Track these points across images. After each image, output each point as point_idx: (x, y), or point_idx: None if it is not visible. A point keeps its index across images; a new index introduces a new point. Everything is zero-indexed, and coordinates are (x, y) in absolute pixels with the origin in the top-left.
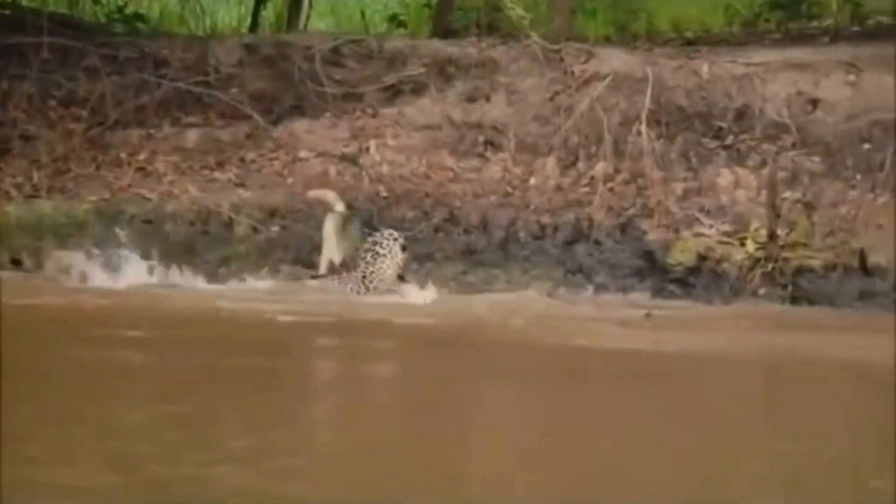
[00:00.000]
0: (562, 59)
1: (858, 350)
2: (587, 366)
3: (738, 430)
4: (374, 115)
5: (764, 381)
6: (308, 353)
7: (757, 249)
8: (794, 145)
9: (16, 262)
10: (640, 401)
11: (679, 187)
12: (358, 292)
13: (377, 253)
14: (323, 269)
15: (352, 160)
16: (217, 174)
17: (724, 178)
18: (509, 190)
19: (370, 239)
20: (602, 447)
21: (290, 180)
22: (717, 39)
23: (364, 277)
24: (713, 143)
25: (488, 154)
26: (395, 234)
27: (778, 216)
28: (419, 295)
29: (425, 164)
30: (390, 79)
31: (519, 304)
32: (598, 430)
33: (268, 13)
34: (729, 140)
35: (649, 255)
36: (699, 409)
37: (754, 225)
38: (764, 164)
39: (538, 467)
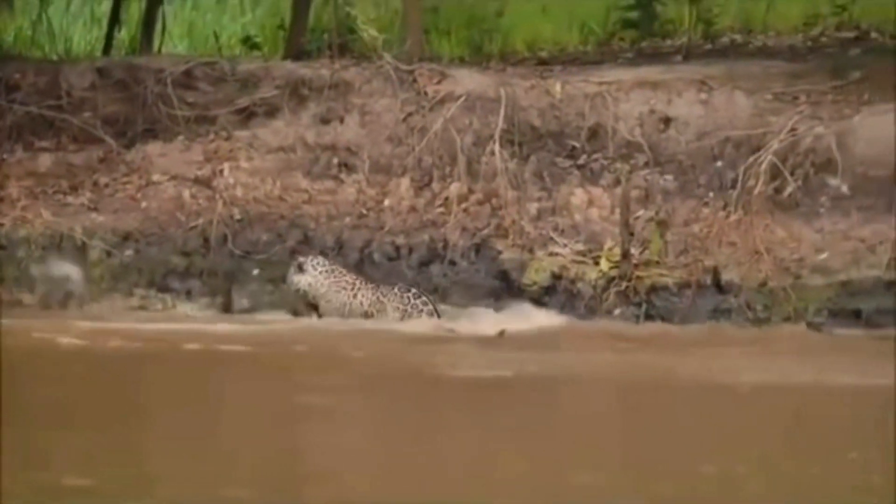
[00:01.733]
0: (415, 80)
1: (712, 371)
2: (435, 394)
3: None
4: (228, 138)
5: (617, 400)
6: None
7: (611, 268)
8: (646, 164)
9: None
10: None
11: (533, 207)
12: None
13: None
14: None
15: (205, 183)
16: (70, 198)
17: (578, 197)
18: (364, 211)
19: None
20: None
21: (143, 204)
22: (571, 58)
23: None
24: (566, 163)
25: (342, 175)
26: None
27: (631, 235)
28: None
29: (279, 187)
30: (243, 101)
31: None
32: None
33: (122, 35)
34: (582, 159)
35: (504, 275)
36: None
37: (608, 244)
38: (617, 182)
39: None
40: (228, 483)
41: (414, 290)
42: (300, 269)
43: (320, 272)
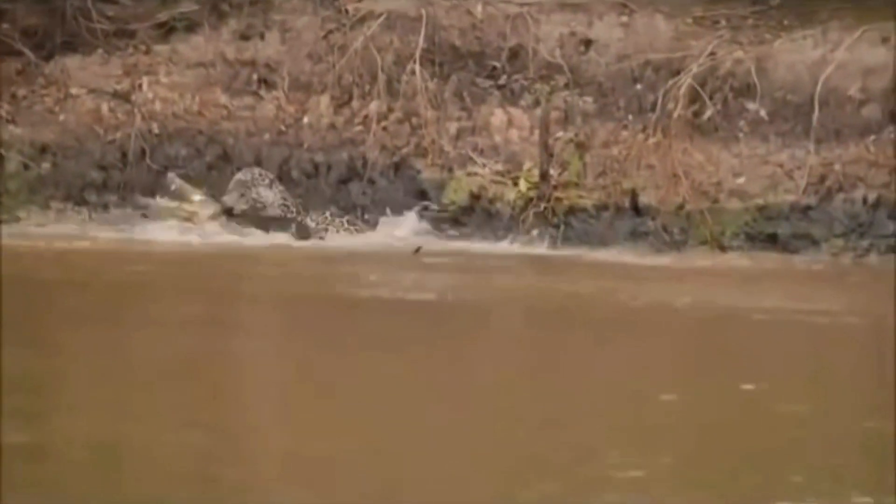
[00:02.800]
0: None
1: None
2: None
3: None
4: (147, 52)
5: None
6: None
7: (529, 189)
8: (566, 85)
9: None
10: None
11: (453, 127)
12: None
13: None
14: None
15: (124, 97)
16: None
17: (498, 117)
18: (283, 128)
19: None
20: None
21: (61, 117)
22: None
23: None
24: (487, 83)
25: (262, 92)
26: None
27: (551, 156)
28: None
29: (198, 102)
30: (163, 16)
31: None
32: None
33: None
34: (502, 80)
35: (423, 194)
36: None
37: (527, 165)
38: (537, 103)
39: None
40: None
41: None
42: (270, 184)
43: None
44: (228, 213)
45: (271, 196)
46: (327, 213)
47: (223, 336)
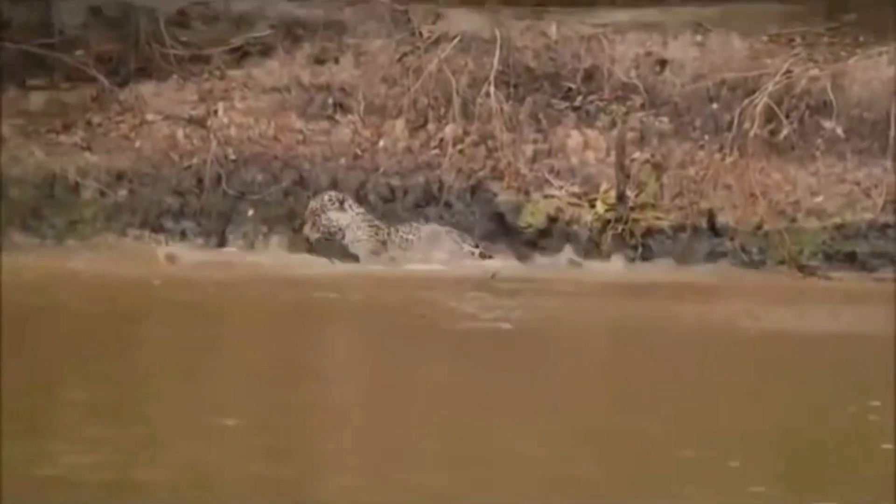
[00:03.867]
0: (409, 20)
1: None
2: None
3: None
4: (222, 77)
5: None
6: None
7: (606, 211)
8: (642, 106)
9: None
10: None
11: (529, 149)
12: None
13: None
14: None
15: (199, 123)
16: (63, 137)
17: (574, 139)
18: (359, 152)
19: None
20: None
21: (137, 143)
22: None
23: None
24: (562, 104)
25: (337, 116)
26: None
27: (627, 177)
28: None
29: (274, 127)
30: (237, 40)
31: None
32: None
33: None
34: (578, 101)
35: (500, 218)
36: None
37: (604, 186)
38: (613, 124)
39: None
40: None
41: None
42: (341, 205)
43: (356, 213)
44: (307, 242)
45: (346, 219)
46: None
47: (303, 362)
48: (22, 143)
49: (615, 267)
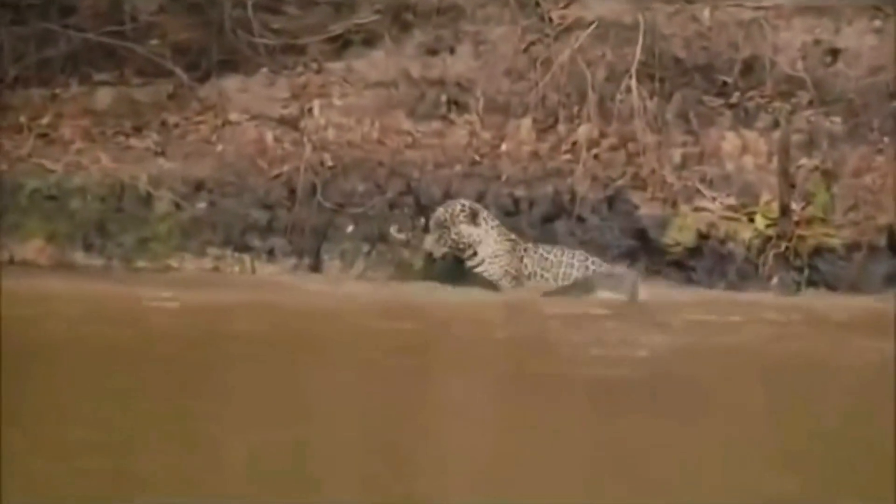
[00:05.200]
0: (538, 4)
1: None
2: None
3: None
4: (319, 71)
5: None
6: None
7: (768, 226)
8: (810, 103)
9: None
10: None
11: (676, 153)
12: None
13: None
14: None
15: (292, 124)
16: (133, 141)
17: (730, 142)
18: (477, 158)
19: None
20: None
21: (219, 147)
22: None
23: None
24: (716, 102)
25: (452, 116)
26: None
27: (792, 187)
28: None
29: (378, 128)
30: (337, 28)
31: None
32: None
33: None
34: (735, 98)
35: (642, 234)
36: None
37: (764, 197)
38: (776, 125)
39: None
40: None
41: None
42: (473, 217)
43: (492, 227)
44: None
45: (480, 233)
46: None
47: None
48: (86, 147)
49: (776, 293)
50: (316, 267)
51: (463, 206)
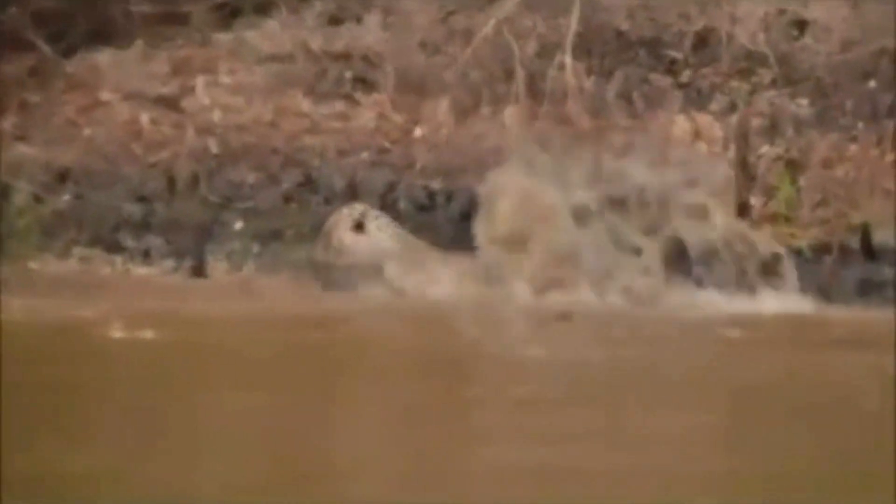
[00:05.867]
0: None
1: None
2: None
3: None
4: (204, 44)
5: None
6: None
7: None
8: (773, 83)
9: None
10: None
11: (618, 140)
12: None
13: None
14: None
15: (172, 104)
16: None
17: (680, 126)
18: (387, 144)
19: None
20: None
21: (87, 131)
22: None
23: None
24: (665, 80)
25: (358, 95)
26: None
27: (752, 179)
28: None
29: (272, 110)
30: None
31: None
32: None
33: None
34: (686, 76)
35: None
36: None
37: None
38: (733, 108)
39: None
40: None
41: None
42: (358, 226)
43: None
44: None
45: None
46: None
47: None
48: None
49: (736, 300)
50: (199, 270)
51: (351, 211)
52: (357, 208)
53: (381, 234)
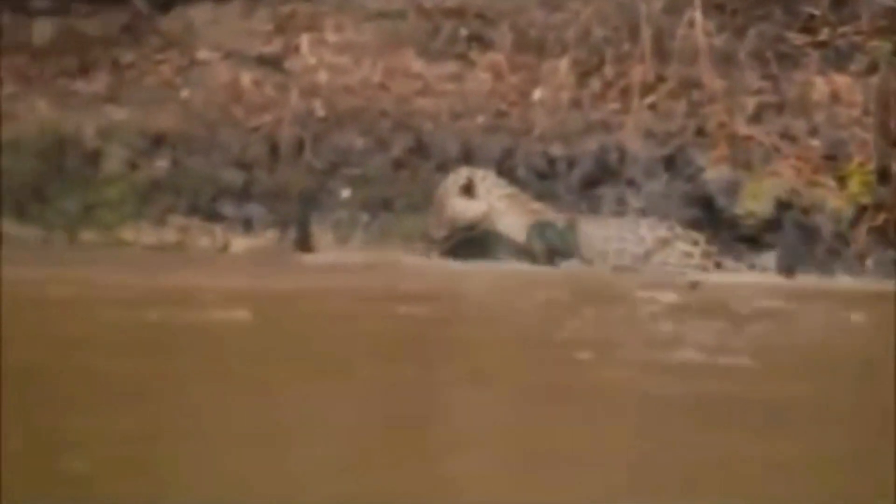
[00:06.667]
0: None
1: None
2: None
3: None
4: None
5: None
6: None
7: (862, 193)
8: None
9: None
10: None
11: (750, 103)
12: None
13: None
14: None
15: (275, 64)
16: (79, 84)
17: (817, 89)
18: (503, 107)
19: None
20: None
21: (184, 93)
22: None
23: None
24: (801, 39)
25: (473, 55)
26: None
27: (893, 145)
28: None
29: (381, 70)
30: None
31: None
32: None
33: None
34: (824, 34)
35: (707, 202)
36: None
37: (859, 158)
38: (874, 68)
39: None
40: None
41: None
42: (466, 190)
43: (498, 197)
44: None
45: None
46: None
47: None
48: (20, 91)
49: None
50: (304, 241)
51: (458, 176)
52: (462, 172)
53: (498, 194)
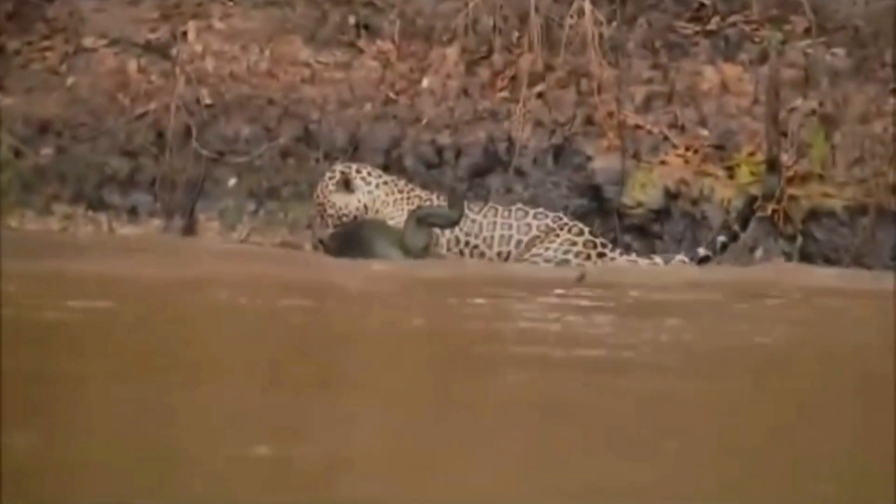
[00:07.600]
0: None
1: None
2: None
3: None
4: None
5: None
6: None
7: (751, 183)
8: (807, 31)
9: None
10: None
11: (640, 92)
12: None
13: None
14: None
15: (161, 51)
16: None
17: (707, 78)
18: (392, 95)
19: None
20: None
21: (69, 80)
22: None
23: None
24: (690, 28)
25: (361, 43)
26: None
27: (783, 135)
28: None
29: (269, 58)
30: None
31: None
32: None
33: None
34: (713, 24)
35: (595, 192)
36: None
37: (748, 148)
38: (764, 58)
39: None
40: None
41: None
42: (345, 184)
43: (376, 185)
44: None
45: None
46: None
47: None
48: None
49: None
50: (190, 229)
51: (333, 172)
52: (336, 168)
53: (368, 185)
